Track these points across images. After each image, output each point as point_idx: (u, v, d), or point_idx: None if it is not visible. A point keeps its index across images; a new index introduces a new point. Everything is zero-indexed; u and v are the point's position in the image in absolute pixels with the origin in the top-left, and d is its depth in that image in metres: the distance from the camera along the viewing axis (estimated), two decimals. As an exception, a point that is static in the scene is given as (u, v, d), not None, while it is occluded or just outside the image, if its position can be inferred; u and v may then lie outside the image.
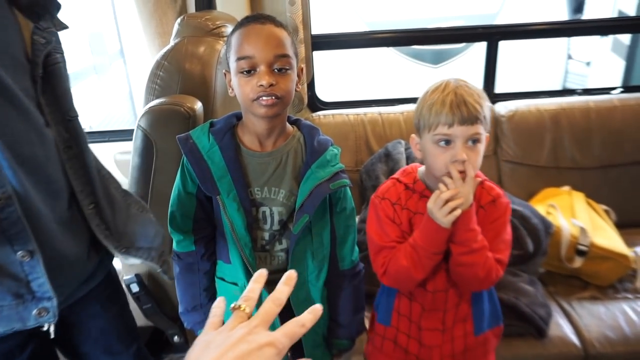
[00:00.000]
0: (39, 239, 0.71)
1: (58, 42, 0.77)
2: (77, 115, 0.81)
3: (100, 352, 0.93)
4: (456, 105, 0.89)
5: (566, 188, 1.74)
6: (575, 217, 1.56)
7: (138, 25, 1.85)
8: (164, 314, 1.50)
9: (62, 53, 0.78)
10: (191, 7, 1.79)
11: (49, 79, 0.75)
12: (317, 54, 1.86)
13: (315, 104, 1.93)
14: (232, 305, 0.51)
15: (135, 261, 0.92)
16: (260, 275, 0.55)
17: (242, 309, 0.50)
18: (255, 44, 0.84)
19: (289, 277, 0.55)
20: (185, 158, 0.95)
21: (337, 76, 3.17)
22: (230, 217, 0.93)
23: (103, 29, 4.47)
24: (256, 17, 0.88)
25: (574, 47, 3.85)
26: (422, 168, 1.05)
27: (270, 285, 0.98)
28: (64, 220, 0.78)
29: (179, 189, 0.99)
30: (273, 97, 0.85)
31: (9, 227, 0.68)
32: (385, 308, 1.10)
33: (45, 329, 0.78)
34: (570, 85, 3.85)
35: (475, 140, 0.91)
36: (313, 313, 0.52)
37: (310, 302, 1.01)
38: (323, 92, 1.98)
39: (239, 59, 0.86)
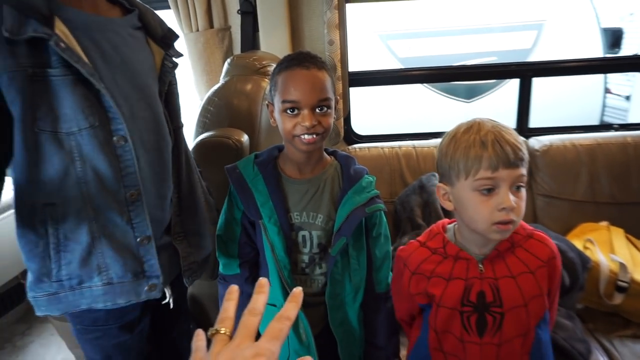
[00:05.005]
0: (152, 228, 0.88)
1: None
2: (179, 127, 1.02)
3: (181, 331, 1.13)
4: (499, 146, 0.79)
5: (604, 223, 1.71)
6: (614, 252, 1.54)
7: (186, 62, 2.01)
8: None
9: (175, 76, 1.01)
10: (237, 47, 1.93)
11: (169, 95, 0.97)
12: (353, 90, 1.95)
13: (351, 137, 2.01)
14: (209, 332, 0.49)
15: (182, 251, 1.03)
16: (232, 292, 0.53)
17: (221, 332, 0.48)
18: (301, 90, 0.92)
19: (260, 285, 0.53)
20: (232, 186, 1.04)
21: (372, 111, 3.25)
22: (271, 240, 1.00)
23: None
24: (300, 60, 0.95)
25: (611, 82, 3.81)
26: (450, 226, 0.97)
27: (309, 307, 1.04)
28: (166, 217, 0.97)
29: (226, 215, 1.08)
30: (314, 136, 0.93)
31: (134, 217, 0.85)
32: None
33: (165, 302, 0.97)
34: (609, 120, 3.78)
35: (520, 185, 0.81)
36: (293, 300, 0.50)
37: (347, 324, 1.05)
38: (359, 126, 2.06)
39: (284, 101, 0.94)
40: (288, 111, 0.94)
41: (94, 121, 0.78)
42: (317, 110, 0.93)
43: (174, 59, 0.96)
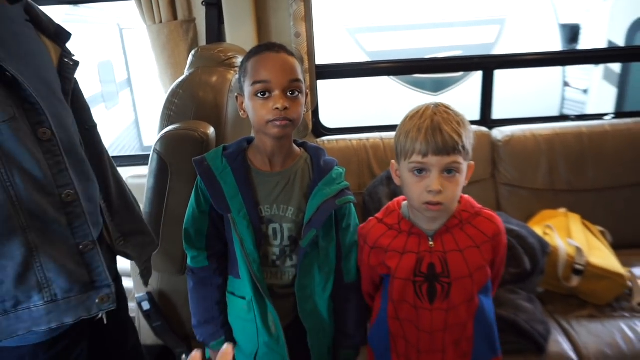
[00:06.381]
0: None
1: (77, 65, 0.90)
2: (94, 126, 0.91)
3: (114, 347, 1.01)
4: (431, 134, 0.86)
5: (562, 210, 1.79)
6: (572, 237, 1.61)
7: (150, 55, 1.96)
8: (173, 332, 1.54)
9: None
10: (202, 39, 1.90)
11: (76, 93, 0.87)
12: (321, 83, 1.95)
13: (320, 130, 2.02)
14: None
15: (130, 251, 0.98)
16: (226, 354, 0.54)
17: None
18: (271, 70, 0.92)
19: (225, 353, 0.54)
20: (199, 179, 1.03)
21: (340, 104, 3.27)
22: (240, 234, 0.99)
23: (112, 58, 4.64)
24: (269, 46, 0.96)
25: (570, 75, 3.97)
26: (405, 203, 1.04)
27: (279, 299, 1.04)
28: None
29: (193, 208, 1.06)
30: (286, 120, 0.92)
31: (73, 221, 0.75)
32: (383, 349, 1.07)
33: (99, 317, 0.84)
34: (568, 112, 3.94)
35: (452, 170, 0.88)
36: None
37: (317, 314, 1.06)
38: (327, 119, 2.07)
39: (255, 82, 0.93)
40: (259, 95, 0.93)
41: (12, 112, 0.68)
42: (289, 94, 0.93)
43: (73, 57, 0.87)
